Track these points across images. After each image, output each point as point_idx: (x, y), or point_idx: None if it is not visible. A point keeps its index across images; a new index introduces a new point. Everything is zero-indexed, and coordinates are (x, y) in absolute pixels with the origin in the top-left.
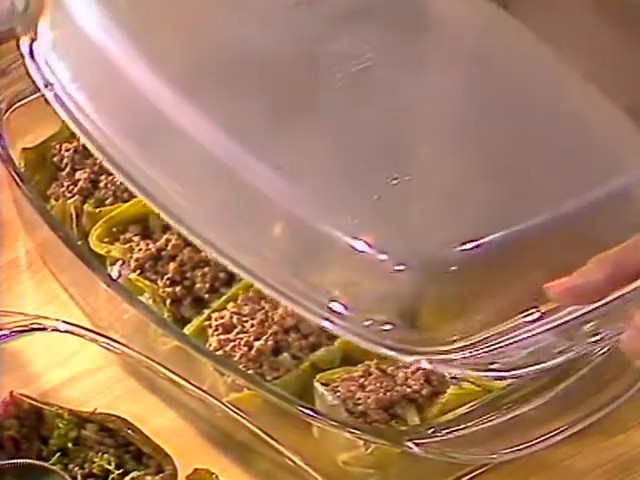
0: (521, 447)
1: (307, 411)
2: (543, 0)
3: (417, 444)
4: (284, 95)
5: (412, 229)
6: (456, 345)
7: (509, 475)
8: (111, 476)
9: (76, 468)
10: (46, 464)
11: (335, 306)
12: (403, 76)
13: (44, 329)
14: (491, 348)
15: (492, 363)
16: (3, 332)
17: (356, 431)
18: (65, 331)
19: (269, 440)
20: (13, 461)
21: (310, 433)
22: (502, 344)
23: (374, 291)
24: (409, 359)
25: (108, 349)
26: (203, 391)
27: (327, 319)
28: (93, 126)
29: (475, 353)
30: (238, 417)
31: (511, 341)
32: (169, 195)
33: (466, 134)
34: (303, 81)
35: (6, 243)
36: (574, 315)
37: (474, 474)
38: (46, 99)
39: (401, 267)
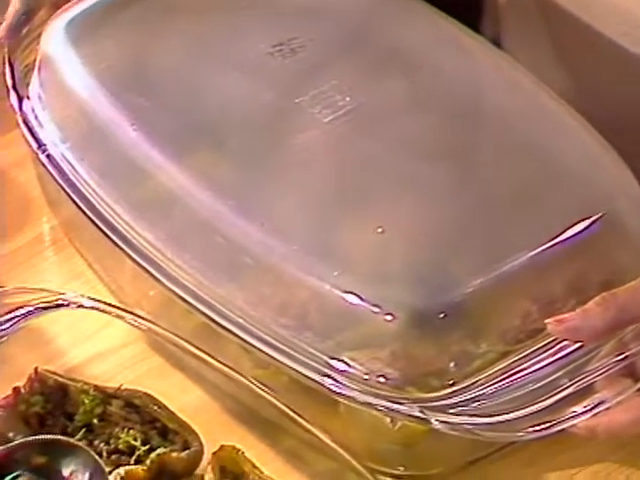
0: (548, 425)
1: (333, 388)
2: (533, 37)
3: (443, 421)
4: (264, 150)
5: (400, 278)
6: (449, 390)
7: (536, 454)
8: (137, 452)
9: (102, 444)
10: (71, 440)
11: (336, 363)
12: (381, 122)
13: (69, 305)
14: (486, 390)
15: (487, 406)
16: (28, 309)
17: (382, 408)
18: (90, 307)
19: (295, 417)
20: (38, 437)
21: (336, 410)
22: (496, 386)
23: (368, 343)
24: (402, 409)
25: (134, 326)
26: (229, 368)
27: (328, 376)
28: (85, 188)
29: (469, 397)
30: (264, 394)
31: (506, 382)
32: (162, 255)
33: (449, 179)
34: (284, 134)
35: (30, 220)
36: (571, 349)
37: (500, 452)
38: (40, 161)
39: (391, 317)
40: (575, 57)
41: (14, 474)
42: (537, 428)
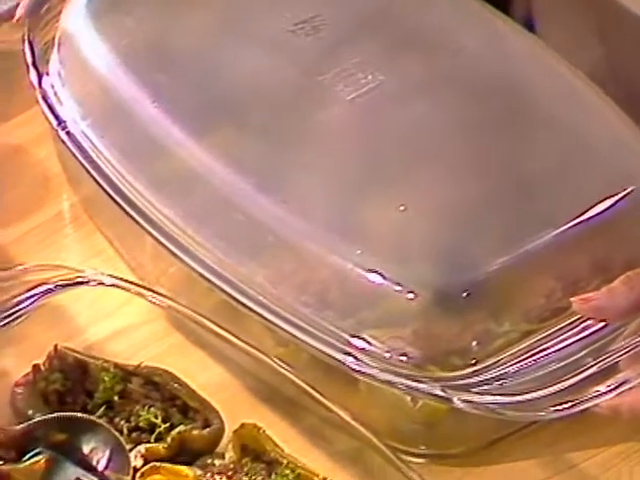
0: (571, 405)
1: (354, 366)
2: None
3: (465, 400)
4: (286, 127)
5: (423, 257)
6: (472, 369)
7: (558, 433)
8: (157, 430)
9: (122, 421)
10: (92, 417)
11: (357, 341)
12: (404, 100)
13: (89, 283)
14: (509, 370)
15: (509, 385)
16: (48, 286)
17: (403, 387)
18: (111, 285)
19: (316, 395)
20: (58, 414)
21: (357, 388)
22: (519, 365)
23: (389, 322)
24: (423, 387)
25: (154, 303)
26: (250, 345)
27: (349, 354)
28: (105, 165)
29: (492, 376)
30: (285, 372)
31: (528, 361)
32: (182, 233)
33: (472, 157)
34: (306, 112)
35: (50, 197)
36: (595, 328)
37: (522, 432)
38: (60, 138)
39: (414, 296)
40: (609, 41)
41: (34, 451)
42: (560, 407)
